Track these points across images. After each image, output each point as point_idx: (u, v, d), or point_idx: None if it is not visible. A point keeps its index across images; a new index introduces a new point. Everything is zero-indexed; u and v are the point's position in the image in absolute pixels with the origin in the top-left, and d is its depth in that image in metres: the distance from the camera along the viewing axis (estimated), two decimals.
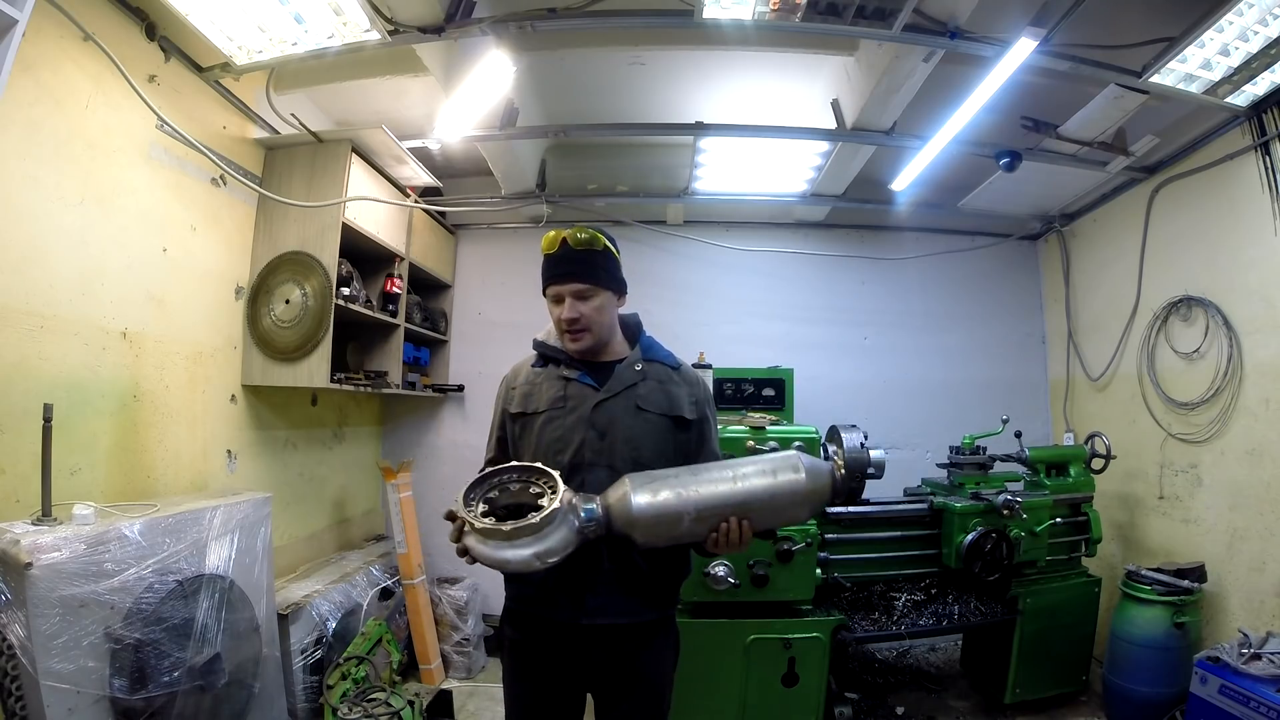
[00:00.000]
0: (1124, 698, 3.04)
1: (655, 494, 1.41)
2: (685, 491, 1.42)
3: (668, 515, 1.40)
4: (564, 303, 1.65)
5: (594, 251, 1.66)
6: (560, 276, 1.66)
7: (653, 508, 1.40)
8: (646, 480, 1.43)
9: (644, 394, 1.68)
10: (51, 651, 1.75)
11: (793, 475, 1.46)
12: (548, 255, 1.68)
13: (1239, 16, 2.38)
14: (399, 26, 2.49)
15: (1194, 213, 3.40)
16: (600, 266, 1.67)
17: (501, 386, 1.83)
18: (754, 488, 1.45)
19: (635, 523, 1.39)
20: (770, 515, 1.48)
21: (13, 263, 2.02)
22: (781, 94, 3.46)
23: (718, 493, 1.43)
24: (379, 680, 3.07)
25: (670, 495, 1.41)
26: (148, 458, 2.56)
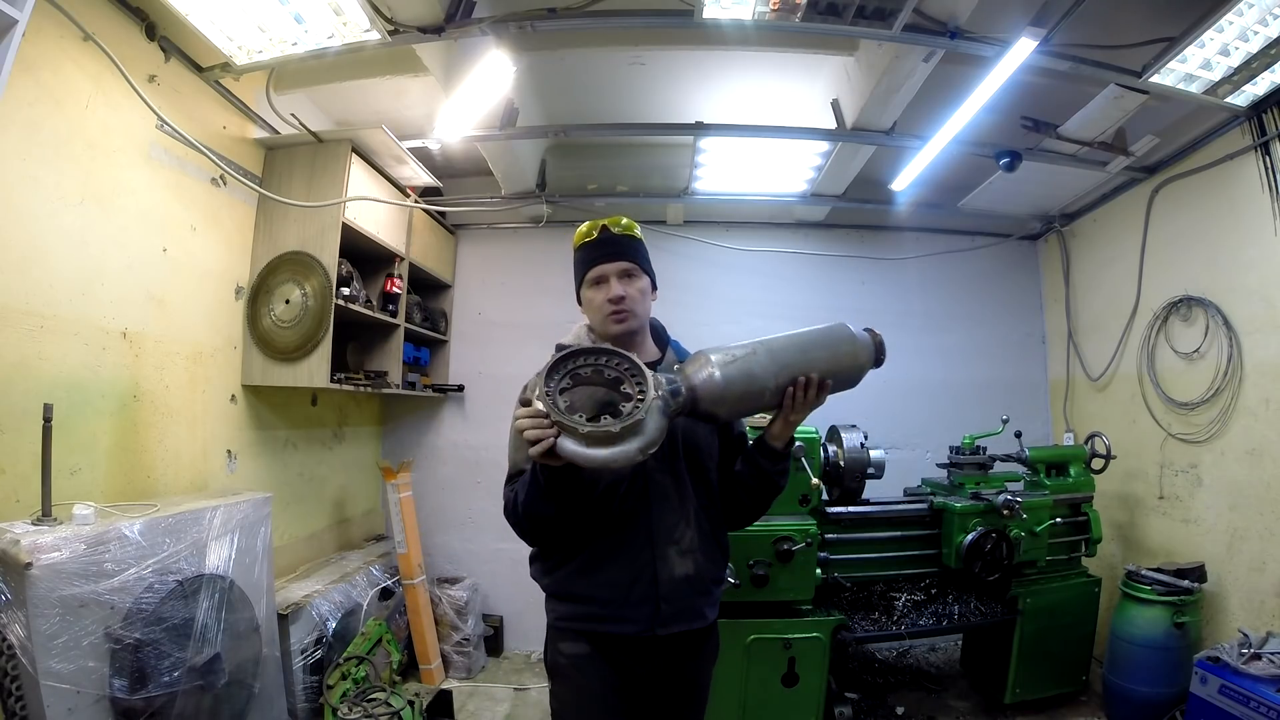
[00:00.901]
0: (1124, 698, 3.04)
1: (741, 367, 1.40)
2: (764, 360, 1.42)
3: (755, 386, 1.41)
4: (608, 283, 1.60)
5: (634, 238, 1.66)
6: (605, 257, 1.62)
7: (741, 380, 1.39)
8: (727, 357, 1.41)
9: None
10: (51, 651, 1.75)
11: (846, 334, 1.55)
12: (587, 242, 1.65)
13: (1239, 16, 2.38)
14: (399, 26, 2.49)
15: (1194, 213, 3.40)
16: (641, 253, 1.67)
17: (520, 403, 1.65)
18: (817, 348, 1.50)
19: (724, 398, 1.38)
20: (832, 373, 1.50)
21: (13, 263, 2.02)
22: (781, 94, 3.46)
23: (791, 358, 1.45)
24: (379, 680, 3.07)
25: (752, 366, 1.41)
26: (148, 458, 2.56)
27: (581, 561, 1.55)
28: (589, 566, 1.54)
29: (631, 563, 1.52)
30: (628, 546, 1.53)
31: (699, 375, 1.39)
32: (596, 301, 1.61)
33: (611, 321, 1.60)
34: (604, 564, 1.54)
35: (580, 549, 1.56)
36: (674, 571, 1.53)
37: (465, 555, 4.43)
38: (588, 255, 1.64)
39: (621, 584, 1.51)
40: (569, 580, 1.57)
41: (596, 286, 1.62)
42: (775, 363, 1.43)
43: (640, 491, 1.54)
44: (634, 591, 1.51)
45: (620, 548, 1.53)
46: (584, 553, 1.55)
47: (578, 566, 1.56)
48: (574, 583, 1.56)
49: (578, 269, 1.68)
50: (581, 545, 1.55)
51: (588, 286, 1.64)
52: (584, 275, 1.65)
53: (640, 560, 1.52)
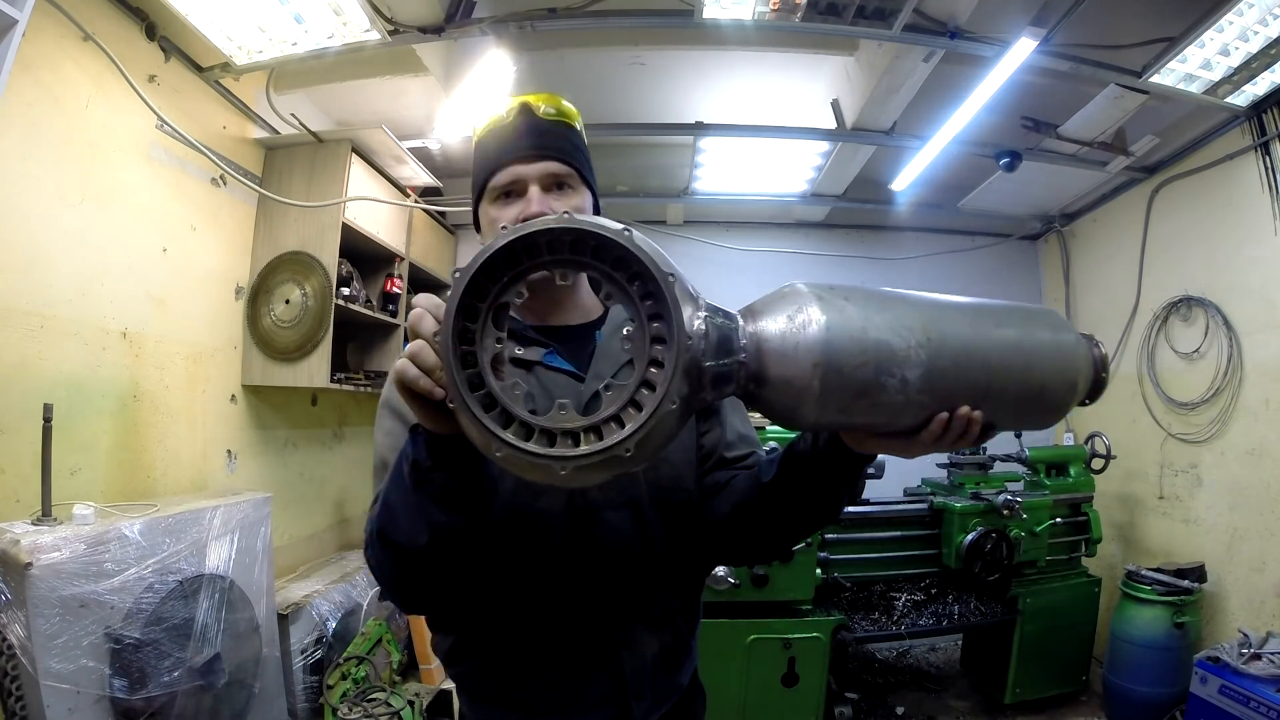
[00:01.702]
0: (1124, 698, 3.04)
1: (861, 315, 0.70)
2: (918, 335, 0.71)
3: (887, 381, 0.69)
4: (527, 195, 1.00)
5: (569, 127, 1.07)
6: (523, 150, 1.01)
7: (861, 341, 0.69)
8: (828, 288, 0.72)
9: None
10: (51, 651, 1.75)
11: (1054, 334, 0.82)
12: (497, 127, 1.04)
13: (1239, 16, 2.38)
14: (399, 26, 2.49)
15: (1194, 213, 3.40)
16: (580, 152, 1.08)
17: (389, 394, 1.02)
18: (1005, 340, 0.78)
19: (822, 389, 0.67)
20: (1015, 401, 0.79)
21: (13, 263, 2.02)
22: (781, 94, 3.46)
23: (961, 338, 0.74)
24: (379, 680, 3.07)
25: (886, 323, 0.70)
26: (148, 458, 2.56)
27: (503, 655, 0.99)
28: (517, 663, 0.98)
29: (584, 654, 0.98)
30: (574, 631, 0.97)
31: (776, 320, 0.70)
32: (504, 222, 0.95)
33: None
34: (540, 659, 0.98)
35: (498, 636, 0.98)
36: (644, 655, 1.00)
37: None
38: (497, 147, 1.04)
39: (569, 687, 0.98)
40: (487, 679, 1.01)
41: (505, 201, 1.02)
42: (938, 349, 0.71)
43: (585, 542, 0.96)
44: (589, 693, 0.98)
45: (563, 634, 0.97)
46: (506, 643, 0.98)
47: (498, 661, 0.99)
48: (495, 684, 1.01)
49: (478, 171, 1.07)
50: (499, 630, 0.98)
51: (491, 200, 1.04)
52: (486, 181, 1.03)
53: (596, 650, 0.98)
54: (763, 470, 0.97)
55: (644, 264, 0.65)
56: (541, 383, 1.00)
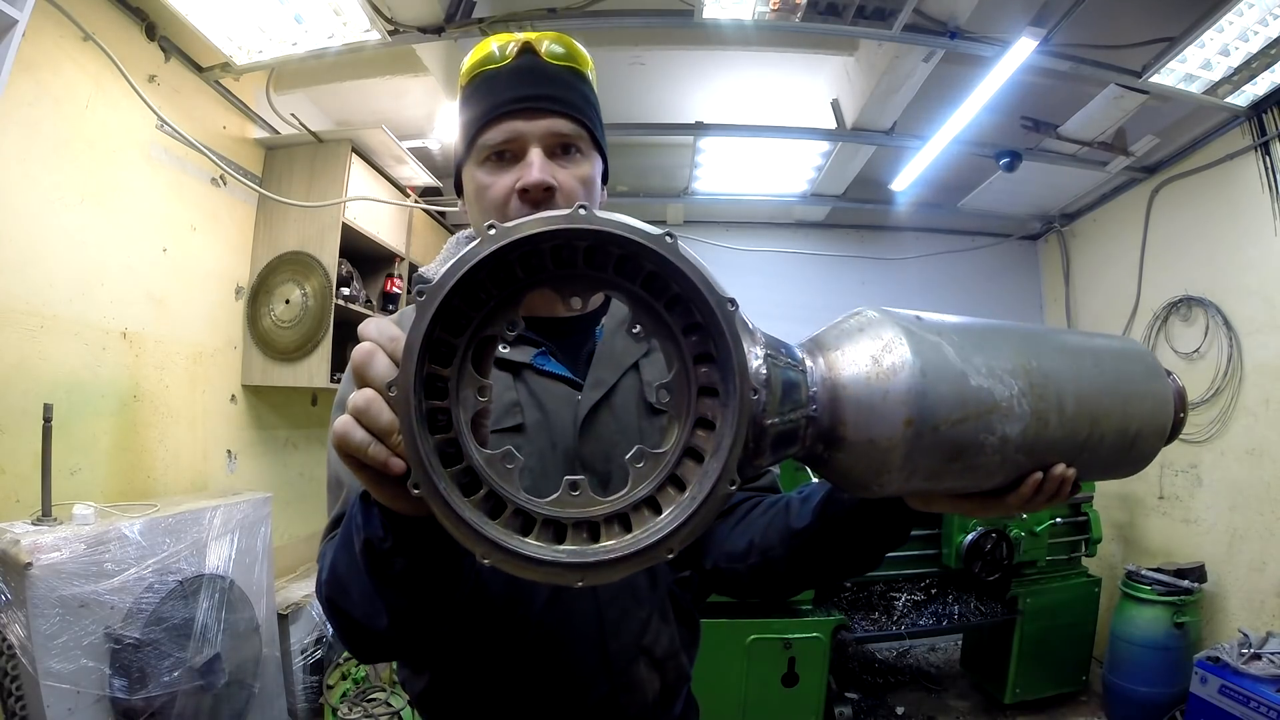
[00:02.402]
0: (1124, 698, 3.04)
1: (959, 356, 0.56)
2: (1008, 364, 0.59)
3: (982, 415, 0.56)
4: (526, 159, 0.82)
5: (577, 72, 0.89)
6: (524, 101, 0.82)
7: (961, 390, 0.55)
8: (916, 319, 0.62)
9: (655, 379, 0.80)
10: (51, 651, 1.75)
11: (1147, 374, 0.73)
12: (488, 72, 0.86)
13: (1239, 16, 2.38)
14: (399, 26, 2.49)
15: (1194, 213, 3.40)
16: (590, 105, 0.89)
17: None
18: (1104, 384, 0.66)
19: (916, 423, 0.52)
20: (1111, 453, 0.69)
21: (13, 263, 2.02)
22: (781, 94, 3.45)
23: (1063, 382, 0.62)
24: (379, 680, 3.07)
25: (986, 364, 0.57)
26: (148, 458, 2.56)
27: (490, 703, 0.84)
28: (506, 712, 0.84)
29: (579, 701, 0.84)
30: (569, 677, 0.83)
31: (857, 361, 0.56)
32: (496, 192, 0.82)
33: None
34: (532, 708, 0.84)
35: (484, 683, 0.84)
36: (645, 696, 0.86)
37: None
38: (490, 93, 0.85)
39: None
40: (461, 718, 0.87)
41: (498, 163, 0.84)
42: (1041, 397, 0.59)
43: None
44: None
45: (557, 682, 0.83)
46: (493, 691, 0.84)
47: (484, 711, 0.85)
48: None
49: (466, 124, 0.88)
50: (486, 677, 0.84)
51: (479, 161, 0.85)
52: (475, 136, 0.85)
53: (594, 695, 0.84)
54: (792, 513, 0.81)
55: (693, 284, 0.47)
56: (530, 390, 0.85)
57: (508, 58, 0.84)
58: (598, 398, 0.85)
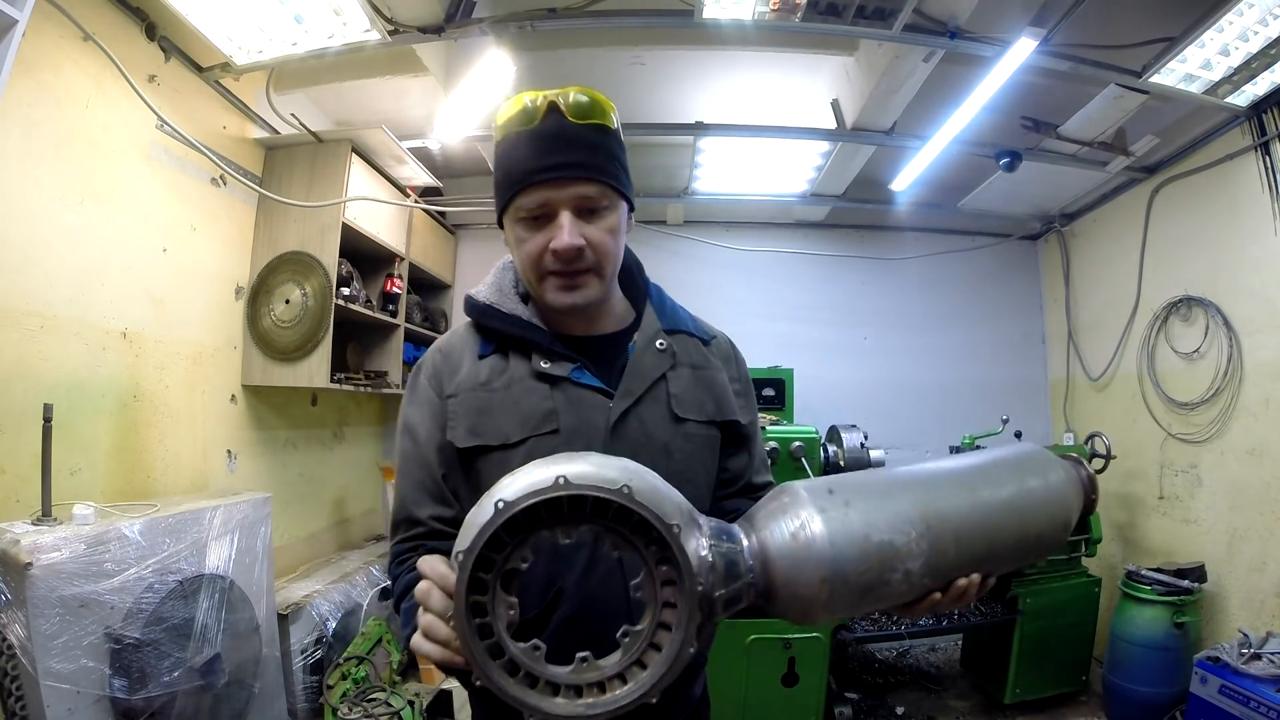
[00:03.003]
0: (1124, 698, 3.04)
1: (862, 519, 0.72)
2: (915, 523, 0.74)
3: (890, 571, 0.72)
4: (557, 221, 0.93)
5: (602, 128, 0.98)
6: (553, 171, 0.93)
7: (864, 548, 0.71)
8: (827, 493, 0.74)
9: (679, 391, 1.00)
10: (51, 651, 1.75)
11: (1044, 479, 0.84)
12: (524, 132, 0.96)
13: (1239, 16, 2.38)
14: (399, 26, 2.49)
15: (1194, 213, 3.40)
16: (614, 160, 0.99)
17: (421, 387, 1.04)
18: (999, 503, 0.80)
19: (829, 580, 0.70)
20: (1013, 556, 0.83)
21: (13, 262, 2.02)
22: (781, 94, 3.45)
23: (960, 515, 0.77)
24: (379, 680, 3.07)
25: (886, 520, 0.73)
26: (148, 458, 2.56)
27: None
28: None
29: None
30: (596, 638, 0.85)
31: (774, 535, 0.72)
32: (531, 249, 0.95)
33: (557, 288, 0.96)
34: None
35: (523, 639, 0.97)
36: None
37: None
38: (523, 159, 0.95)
39: None
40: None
41: (534, 225, 0.95)
42: (937, 535, 0.74)
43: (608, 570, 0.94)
44: None
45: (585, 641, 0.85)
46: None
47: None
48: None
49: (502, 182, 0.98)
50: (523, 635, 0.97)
51: (516, 219, 0.96)
52: (511, 197, 0.96)
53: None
54: None
55: (646, 519, 0.67)
56: (568, 398, 0.96)
57: (536, 117, 0.96)
58: (627, 405, 0.97)
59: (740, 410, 1.07)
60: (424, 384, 1.04)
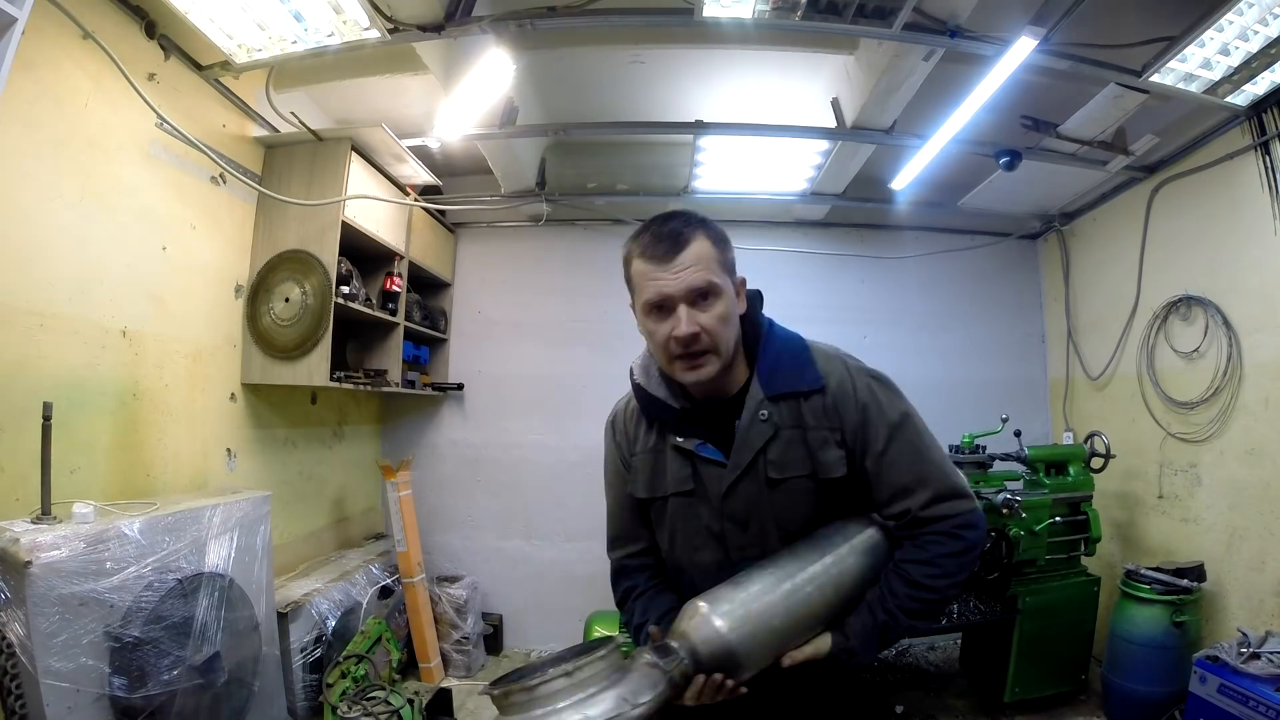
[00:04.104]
0: (1123, 697, 3.05)
1: (744, 603, 1.10)
2: (776, 589, 1.13)
3: (790, 630, 1.12)
4: (676, 313, 1.17)
5: (701, 224, 1.22)
6: (663, 268, 1.17)
7: (745, 624, 1.08)
8: (727, 591, 1.12)
9: (775, 458, 1.23)
10: (51, 650, 1.75)
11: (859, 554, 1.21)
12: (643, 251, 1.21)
13: (1239, 16, 2.38)
14: (398, 25, 2.49)
15: (1194, 212, 3.40)
16: (714, 251, 1.21)
17: (610, 449, 1.43)
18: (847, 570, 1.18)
19: (732, 646, 1.06)
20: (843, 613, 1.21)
21: (12, 261, 2.02)
22: (781, 93, 3.45)
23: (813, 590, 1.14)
24: (378, 679, 3.07)
25: (763, 597, 1.11)
26: (147, 456, 2.56)
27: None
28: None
29: None
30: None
31: (687, 623, 1.10)
32: (660, 337, 1.20)
33: (683, 369, 1.21)
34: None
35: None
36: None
37: (465, 554, 4.43)
38: (643, 266, 1.20)
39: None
40: None
41: (660, 314, 1.20)
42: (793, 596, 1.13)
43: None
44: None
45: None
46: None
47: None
48: None
49: (631, 280, 1.25)
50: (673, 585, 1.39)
51: (646, 313, 1.22)
52: (641, 298, 1.22)
53: None
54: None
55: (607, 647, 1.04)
56: (695, 468, 1.27)
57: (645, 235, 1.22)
58: (735, 476, 1.24)
59: (834, 465, 1.23)
60: (611, 443, 1.44)
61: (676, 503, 1.29)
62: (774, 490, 1.22)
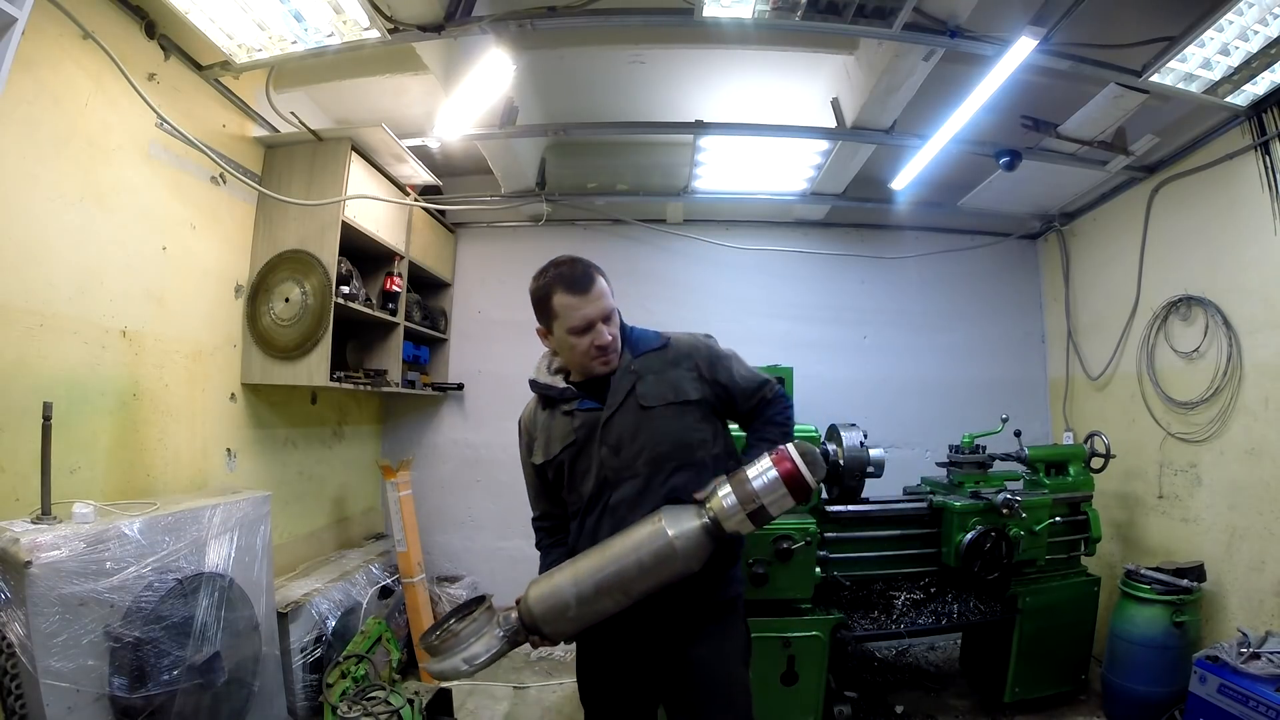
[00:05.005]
0: (1123, 697, 3.05)
1: (546, 587, 1.57)
2: (568, 579, 1.56)
3: (558, 604, 1.54)
4: (595, 328, 1.68)
5: (598, 267, 1.73)
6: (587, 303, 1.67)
7: (542, 601, 1.55)
8: (544, 578, 1.60)
9: (644, 392, 1.69)
10: (51, 650, 1.75)
11: (660, 543, 1.52)
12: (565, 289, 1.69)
13: (1239, 16, 2.38)
14: (398, 25, 2.49)
15: (1194, 212, 3.40)
16: (607, 279, 1.76)
17: (521, 440, 1.89)
18: (625, 565, 1.54)
19: (537, 618, 1.54)
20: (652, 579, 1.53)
21: (12, 261, 2.02)
22: (781, 93, 3.45)
23: (596, 574, 1.54)
24: (378, 679, 3.07)
25: (556, 585, 1.56)
26: (147, 456, 2.56)
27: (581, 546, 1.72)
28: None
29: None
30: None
31: (522, 606, 1.58)
32: (582, 346, 1.67)
33: (600, 365, 1.70)
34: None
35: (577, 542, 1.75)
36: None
37: (465, 553, 4.43)
38: (567, 299, 1.66)
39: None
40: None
41: (581, 333, 1.67)
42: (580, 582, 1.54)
43: (603, 508, 1.68)
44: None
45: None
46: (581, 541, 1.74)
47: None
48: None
49: (555, 310, 1.69)
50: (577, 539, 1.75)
51: (571, 332, 1.68)
52: (566, 323, 1.68)
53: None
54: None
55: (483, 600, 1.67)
56: (580, 418, 1.72)
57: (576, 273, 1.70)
58: (610, 412, 1.69)
59: (692, 389, 1.72)
60: (522, 434, 1.90)
61: (568, 454, 1.72)
62: (646, 414, 1.67)
